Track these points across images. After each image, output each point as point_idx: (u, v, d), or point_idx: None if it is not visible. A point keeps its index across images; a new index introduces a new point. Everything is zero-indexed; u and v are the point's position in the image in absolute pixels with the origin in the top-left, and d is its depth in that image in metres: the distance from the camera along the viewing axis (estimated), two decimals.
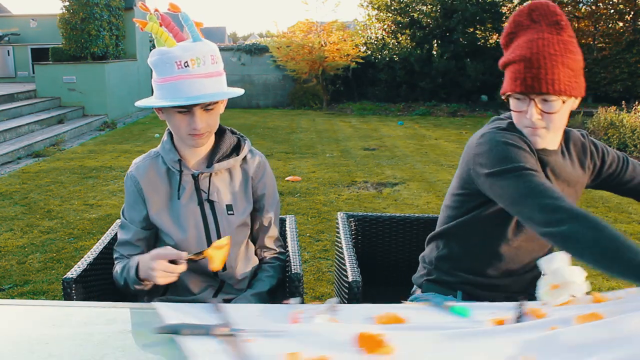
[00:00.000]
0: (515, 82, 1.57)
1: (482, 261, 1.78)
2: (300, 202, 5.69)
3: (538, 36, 1.54)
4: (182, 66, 1.56)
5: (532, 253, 1.78)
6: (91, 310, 1.51)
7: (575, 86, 1.56)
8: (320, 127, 11.47)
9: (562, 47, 1.53)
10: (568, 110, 1.63)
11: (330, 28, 15.07)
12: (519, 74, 1.56)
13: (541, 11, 1.55)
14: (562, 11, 1.55)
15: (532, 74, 1.53)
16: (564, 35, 1.54)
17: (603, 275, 3.82)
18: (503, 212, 1.62)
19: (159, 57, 1.59)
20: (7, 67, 15.52)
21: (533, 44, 1.53)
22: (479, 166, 1.64)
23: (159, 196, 1.79)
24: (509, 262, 1.77)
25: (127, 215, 1.83)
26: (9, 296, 3.51)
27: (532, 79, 1.53)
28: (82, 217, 5.14)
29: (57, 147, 8.82)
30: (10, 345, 1.30)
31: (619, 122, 8.44)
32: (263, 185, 1.90)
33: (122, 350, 1.28)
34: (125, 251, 1.81)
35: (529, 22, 1.56)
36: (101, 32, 12.36)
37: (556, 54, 1.52)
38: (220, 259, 1.56)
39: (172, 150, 1.77)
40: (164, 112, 1.70)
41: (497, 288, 1.79)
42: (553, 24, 1.54)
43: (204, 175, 1.78)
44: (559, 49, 1.52)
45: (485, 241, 1.76)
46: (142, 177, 1.79)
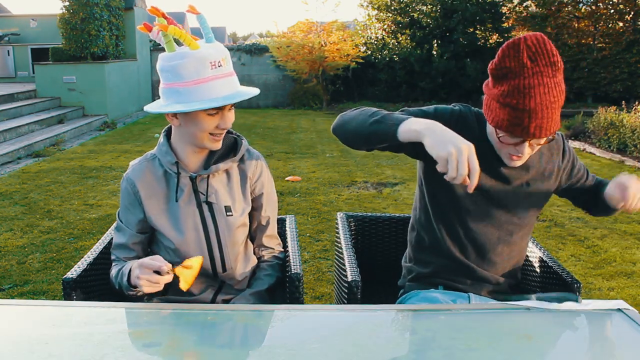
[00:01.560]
0: (516, 128, 1.55)
1: (447, 246, 1.84)
2: (300, 202, 5.69)
3: (539, 82, 1.51)
4: (216, 66, 1.57)
5: (493, 238, 1.81)
6: (91, 310, 1.52)
7: (560, 119, 1.60)
8: (320, 127, 11.47)
9: (559, 90, 1.54)
10: None
11: (330, 28, 15.07)
12: (521, 122, 1.54)
13: (539, 50, 1.51)
14: (556, 49, 1.54)
15: (536, 124, 1.53)
16: (558, 76, 1.54)
17: (603, 275, 3.82)
18: (452, 196, 1.76)
19: (189, 60, 1.55)
20: (7, 67, 15.52)
21: (536, 92, 1.51)
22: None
23: (156, 199, 1.78)
24: (473, 247, 1.82)
25: (123, 218, 1.82)
26: (9, 296, 3.51)
27: (534, 128, 1.54)
28: (82, 217, 5.14)
29: (57, 147, 8.82)
30: (10, 345, 1.30)
31: (619, 122, 8.43)
32: (261, 184, 1.89)
33: (121, 350, 1.29)
34: (121, 254, 1.81)
35: (526, 60, 1.51)
36: (101, 32, 12.36)
37: (555, 100, 1.53)
38: (186, 279, 1.53)
39: (169, 152, 1.75)
40: (184, 116, 1.65)
41: (473, 275, 1.83)
42: (550, 65, 1.52)
43: (202, 177, 1.77)
44: (556, 93, 1.53)
45: (445, 226, 1.83)
46: (139, 180, 1.78)
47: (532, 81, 1.51)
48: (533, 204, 1.83)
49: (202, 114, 1.62)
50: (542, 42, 1.51)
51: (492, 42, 15.43)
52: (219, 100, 1.57)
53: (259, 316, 1.48)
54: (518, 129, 1.55)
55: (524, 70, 1.51)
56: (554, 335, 1.37)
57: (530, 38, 1.51)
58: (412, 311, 1.51)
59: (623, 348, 1.34)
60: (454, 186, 1.74)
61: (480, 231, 1.80)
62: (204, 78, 1.56)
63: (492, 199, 1.78)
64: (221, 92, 1.58)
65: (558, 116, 1.56)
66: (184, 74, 1.56)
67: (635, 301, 3.44)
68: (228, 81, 1.60)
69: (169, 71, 1.57)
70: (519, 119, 1.53)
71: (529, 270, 2.01)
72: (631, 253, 4.32)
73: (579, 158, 1.92)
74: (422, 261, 1.91)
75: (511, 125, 1.55)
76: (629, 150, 8.08)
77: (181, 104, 1.58)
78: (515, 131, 1.56)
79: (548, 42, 1.52)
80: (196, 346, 1.32)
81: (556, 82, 1.53)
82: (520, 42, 1.51)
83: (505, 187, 1.78)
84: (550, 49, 1.51)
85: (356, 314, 1.53)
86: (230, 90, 1.60)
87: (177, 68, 1.55)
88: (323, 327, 1.45)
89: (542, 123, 1.53)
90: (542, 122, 1.52)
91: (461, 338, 1.36)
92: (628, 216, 5.28)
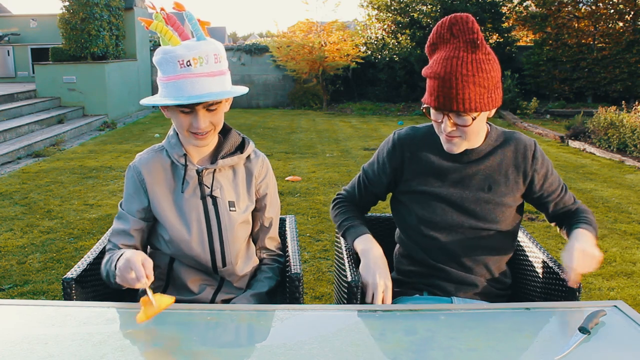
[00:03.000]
0: (430, 98, 1.64)
1: (422, 255, 1.87)
2: (300, 202, 5.69)
3: (454, 54, 1.59)
4: (184, 65, 1.57)
5: (464, 244, 1.83)
6: (91, 310, 1.52)
7: (488, 102, 1.62)
8: (320, 127, 11.48)
9: (475, 66, 1.58)
10: (483, 120, 1.71)
11: (330, 28, 15.07)
12: (433, 90, 1.62)
13: (461, 26, 1.60)
14: (479, 28, 1.60)
15: (445, 93, 1.59)
16: (478, 54, 1.59)
17: (603, 275, 3.82)
18: (406, 204, 1.87)
19: (163, 56, 1.60)
20: (7, 67, 15.53)
21: (448, 63, 1.59)
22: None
23: (161, 188, 1.79)
24: (446, 254, 1.84)
25: (126, 206, 1.83)
26: (9, 296, 3.51)
27: (444, 98, 1.60)
28: (82, 217, 5.14)
29: (57, 147, 8.82)
30: (10, 345, 1.30)
31: (619, 122, 8.43)
32: (266, 185, 1.92)
33: (121, 350, 1.29)
34: (119, 240, 1.80)
35: (449, 36, 1.61)
36: (101, 32, 12.36)
37: (468, 74, 1.57)
38: (146, 313, 1.40)
39: (178, 144, 1.79)
40: (168, 110, 1.72)
41: (454, 279, 1.84)
42: (469, 41, 1.58)
43: (208, 171, 1.80)
44: (472, 68, 1.57)
45: (417, 237, 1.88)
46: (146, 169, 1.80)
47: (449, 54, 1.59)
48: (499, 210, 1.81)
49: (177, 111, 1.67)
50: (465, 20, 1.60)
51: (492, 42, 15.43)
52: (181, 98, 1.59)
53: (259, 316, 1.48)
54: (432, 98, 1.63)
55: (445, 45, 1.61)
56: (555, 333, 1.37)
57: (456, 16, 1.61)
58: (412, 311, 1.51)
59: (621, 345, 1.34)
60: (417, 205, 1.85)
61: (450, 239, 1.82)
62: (174, 76, 1.59)
63: (453, 205, 1.80)
64: (190, 92, 1.59)
65: (477, 94, 1.58)
66: (161, 69, 1.62)
67: (635, 301, 3.44)
68: (199, 81, 1.59)
69: (156, 66, 1.64)
70: (432, 88, 1.62)
71: (529, 270, 2.01)
72: (631, 253, 4.31)
73: (556, 174, 1.89)
74: (402, 270, 1.97)
75: (429, 95, 1.64)
76: (629, 150, 8.08)
77: (156, 97, 1.66)
78: (430, 101, 1.63)
79: (472, 22, 1.60)
80: (196, 346, 1.32)
81: (474, 59, 1.58)
82: (447, 19, 1.62)
83: (463, 193, 1.80)
84: (472, 27, 1.59)
85: (356, 314, 1.53)
86: (200, 91, 1.59)
87: (157, 63, 1.63)
88: (323, 327, 1.45)
89: (452, 93, 1.57)
90: (451, 92, 1.57)
91: (461, 338, 1.36)
92: (628, 216, 5.28)
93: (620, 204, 5.70)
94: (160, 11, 1.62)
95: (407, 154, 1.87)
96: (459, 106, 1.59)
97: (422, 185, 1.84)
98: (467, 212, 1.80)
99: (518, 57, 15.29)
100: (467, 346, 1.32)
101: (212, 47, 1.62)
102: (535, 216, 5.20)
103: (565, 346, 1.29)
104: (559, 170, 7.31)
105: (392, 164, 1.91)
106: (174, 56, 1.57)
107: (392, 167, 1.91)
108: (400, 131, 1.92)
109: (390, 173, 1.92)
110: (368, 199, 2.04)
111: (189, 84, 1.58)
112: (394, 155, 1.89)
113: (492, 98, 1.62)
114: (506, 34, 15.50)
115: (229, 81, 1.69)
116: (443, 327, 1.42)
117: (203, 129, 1.67)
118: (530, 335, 1.36)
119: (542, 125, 11.52)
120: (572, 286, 1.65)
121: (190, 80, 1.58)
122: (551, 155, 8.45)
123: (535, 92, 14.31)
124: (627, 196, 6.03)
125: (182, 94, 1.59)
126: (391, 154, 1.90)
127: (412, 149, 1.86)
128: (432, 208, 1.82)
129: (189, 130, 1.69)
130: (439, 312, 1.51)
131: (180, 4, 1.63)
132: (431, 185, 1.82)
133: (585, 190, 6.25)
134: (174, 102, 1.59)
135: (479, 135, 1.75)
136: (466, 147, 1.75)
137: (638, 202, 5.81)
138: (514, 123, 12.14)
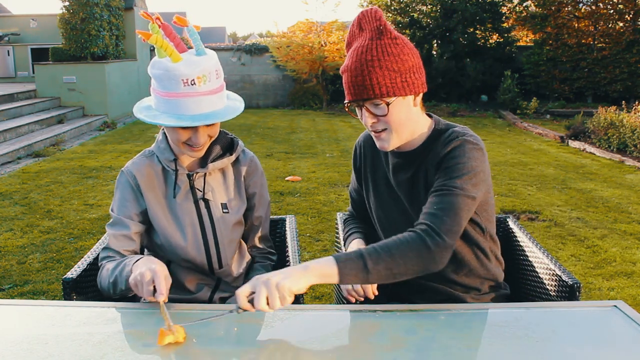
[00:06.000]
0: (346, 92, 1.63)
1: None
2: (300, 202, 5.69)
3: (359, 44, 1.59)
4: (188, 84, 1.54)
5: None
6: (91, 310, 1.52)
7: (402, 86, 1.57)
8: (320, 127, 11.48)
9: (381, 50, 1.56)
10: (404, 109, 1.61)
11: (330, 28, 15.07)
12: (346, 83, 1.61)
13: (367, 18, 1.60)
14: (383, 16, 1.60)
15: (354, 81, 1.58)
16: (383, 39, 1.58)
17: (603, 275, 3.82)
18: (373, 215, 1.86)
19: (164, 73, 1.55)
20: (7, 67, 15.54)
21: (354, 53, 1.59)
22: None
23: (154, 194, 1.79)
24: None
25: (120, 212, 1.78)
26: (9, 296, 3.51)
27: (354, 87, 1.58)
28: (82, 217, 5.13)
29: (57, 147, 8.82)
30: (10, 345, 1.30)
31: (618, 122, 8.43)
32: (254, 183, 1.92)
33: (121, 351, 1.29)
34: (121, 246, 1.76)
35: (358, 31, 1.62)
36: (101, 32, 12.36)
37: (373, 59, 1.55)
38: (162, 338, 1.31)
39: (168, 149, 1.77)
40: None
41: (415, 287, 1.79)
42: (374, 29, 1.59)
43: (199, 175, 1.79)
44: (377, 53, 1.56)
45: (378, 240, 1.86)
46: (139, 174, 1.79)
47: (356, 45, 1.60)
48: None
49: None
50: (372, 14, 1.60)
51: (492, 42, 15.44)
52: (184, 118, 1.56)
53: (258, 316, 1.48)
54: (347, 91, 1.62)
55: (356, 40, 1.62)
56: (555, 334, 1.37)
57: (364, 12, 1.61)
58: (412, 311, 1.51)
59: (620, 345, 1.34)
60: (373, 217, 1.87)
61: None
62: (176, 93, 1.55)
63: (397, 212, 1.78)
64: (195, 110, 1.56)
65: (385, 77, 1.55)
66: (160, 84, 1.58)
67: (635, 301, 3.44)
68: (204, 100, 1.57)
69: (152, 76, 1.60)
70: (346, 82, 1.61)
71: (529, 270, 2.01)
72: (631, 253, 4.31)
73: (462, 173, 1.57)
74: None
75: (346, 91, 1.63)
76: (629, 150, 8.08)
77: (154, 111, 1.62)
78: (347, 95, 1.62)
79: (378, 12, 1.60)
80: (195, 346, 1.32)
81: (379, 44, 1.57)
82: (356, 17, 1.63)
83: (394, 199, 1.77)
84: (378, 18, 1.59)
85: (356, 314, 1.53)
86: (203, 110, 1.57)
87: (156, 77, 1.58)
88: (323, 327, 1.45)
89: (360, 81, 1.56)
90: (358, 79, 1.56)
91: (461, 338, 1.36)
92: (628, 216, 5.28)
93: (620, 204, 5.70)
94: (155, 20, 1.59)
95: (367, 153, 1.89)
96: (369, 92, 1.55)
97: (374, 187, 1.85)
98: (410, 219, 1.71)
99: (518, 57, 15.30)
100: (467, 346, 1.32)
101: (213, 62, 1.59)
102: (535, 216, 5.21)
103: None
104: (559, 170, 7.32)
105: (355, 166, 1.94)
106: (178, 75, 1.53)
107: (356, 170, 1.94)
108: (365, 131, 1.89)
109: (357, 176, 1.94)
110: (361, 206, 1.98)
111: (193, 103, 1.56)
112: (354, 157, 1.95)
113: (408, 82, 1.58)
114: (506, 34, 15.50)
115: (226, 94, 1.68)
116: (443, 327, 1.42)
117: (202, 144, 1.67)
118: (530, 336, 1.36)
119: (542, 125, 11.52)
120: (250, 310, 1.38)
121: (194, 100, 1.56)
122: (551, 155, 8.45)
123: (535, 92, 14.31)
124: (627, 196, 6.03)
125: (186, 112, 1.56)
126: (353, 157, 1.95)
127: (368, 147, 1.88)
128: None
129: (186, 143, 1.67)
130: (438, 312, 1.51)
131: (183, 18, 1.59)
132: (379, 186, 1.83)
133: (585, 190, 6.25)
134: (180, 123, 1.56)
135: (405, 126, 1.64)
136: (397, 142, 1.65)
137: (638, 202, 5.81)
138: (514, 123, 12.14)
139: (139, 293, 1.48)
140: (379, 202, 1.83)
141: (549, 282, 1.84)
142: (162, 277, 1.47)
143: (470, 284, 1.77)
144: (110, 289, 1.68)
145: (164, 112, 1.59)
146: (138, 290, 1.48)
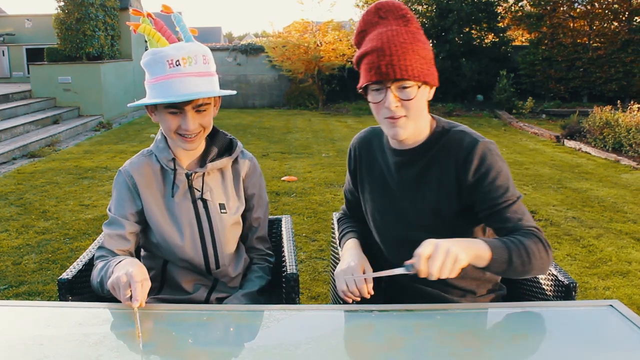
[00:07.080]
0: (370, 73, 1.57)
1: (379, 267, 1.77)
2: (296, 202, 5.68)
3: (387, 28, 1.58)
4: (173, 65, 1.56)
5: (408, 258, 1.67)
6: (87, 311, 1.51)
7: (428, 73, 1.58)
8: (316, 127, 11.48)
9: (411, 36, 1.57)
10: (424, 99, 1.62)
11: (326, 28, 15.07)
12: (373, 64, 1.57)
13: (388, 7, 1.61)
14: (407, 6, 1.61)
15: (386, 61, 1.54)
16: (411, 27, 1.59)
17: (598, 274, 3.83)
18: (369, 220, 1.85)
19: (151, 57, 1.59)
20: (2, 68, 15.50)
21: (383, 35, 1.57)
22: None
23: (152, 193, 1.78)
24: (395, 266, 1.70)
25: (117, 211, 1.78)
26: (4, 297, 3.50)
27: (386, 67, 1.54)
28: (78, 218, 5.12)
29: (52, 148, 8.79)
30: (6, 346, 1.30)
31: (614, 121, 8.46)
32: (253, 185, 1.92)
33: (117, 351, 1.28)
34: (115, 245, 1.75)
35: (377, 19, 1.61)
36: (96, 32, 12.33)
37: (406, 42, 1.55)
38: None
39: (166, 149, 1.77)
40: (156, 113, 1.70)
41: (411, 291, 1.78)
42: (400, 17, 1.59)
43: (197, 175, 1.79)
44: (408, 37, 1.56)
45: (371, 250, 1.87)
46: (137, 174, 1.79)
47: (381, 29, 1.59)
48: (439, 221, 1.68)
49: (165, 112, 1.64)
50: (390, 2, 1.61)
51: (488, 42, 15.46)
52: (171, 97, 1.56)
53: (254, 316, 1.48)
54: (372, 72, 1.56)
55: (375, 27, 1.61)
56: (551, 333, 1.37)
57: (382, 2, 1.61)
58: (408, 311, 1.51)
59: (616, 344, 1.34)
60: (368, 218, 1.87)
61: (395, 253, 1.77)
62: (163, 75, 1.57)
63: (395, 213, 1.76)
64: (180, 90, 1.57)
65: (417, 62, 1.55)
66: (149, 71, 1.61)
67: (630, 300, 3.45)
68: (192, 80, 1.57)
69: (144, 67, 1.63)
70: (370, 63, 1.57)
71: None
72: (627, 252, 4.33)
73: (505, 183, 1.61)
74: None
75: (368, 72, 1.57)
76: (625, 149, 8.11)
77: (148, 99, 1.64)
78: (372, 76, 1.56)
79: (397, 2, 1.61)
80: (191, 346, 1.32)
81: (408, 31, 1.58)
82: (373, 6, 1.62)
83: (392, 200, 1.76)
84: (399, 7, 1.60)
85: (352, 314, 1.53)
86: (189, 90, 1.57)
87: (145, 65, 1.62)
88: (319, 327, 1.45)
89: (393, 60, 1.53)
90: (393, 59, 1.53)
91: (458, 338, 1.36)
92: (623, 215, 5.30)
93: (616, 204, 5.72)
94: (146, 16, 1.62)
95: (362, 155, 1.87)
96: (402, 73, 1.52)
97: (371, 191, 1.84)
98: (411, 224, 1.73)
99: (513, 57, 15.33)
100: (464, 346, 1.32)
101: (201, 49, 1.61)
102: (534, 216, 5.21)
103: None
104: (555, 170, 7.33)
105: (350, 169, 1.93)
106: (163, 56, 1.56)
107: (351, 172, 1.92)
108: (359, 133, 1.90)
109: (352, 178, 1.93)
110: (356, 207, 1.97)
111: (178, 83, 1.56)
112: (349, 160, 1.92)
113: (431, 71, 1.59)
114: (501, 33, 15.53)
115: (217, 84, 1.67)
116: (440, 327, 1.42)
117: (192, 131, 1.65)
118: (527, 335, 1.37)
119: (538, 125, 11.55)
120: (421, 275, 1.40)
121: (180, 80, 1.56)
122: (547, 155, 8.47)
123: (530, 92, 14.34)
124: (623, 195, 6.05)
125: (171, 92, 1.57)
126: (348, 160, 1.93)
127: (363, 149, 1.87)
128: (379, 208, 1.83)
129: (177, 132, 1.67)
130: (435, 312, 1.51)
131: (168, 6, 1.62)
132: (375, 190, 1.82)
133: (581, 190, 6.26)
134: (163, 100, 1.57)
135: (422, 115, 1.64)
136: (412, 130, 1.63)
137: (633, 201, 5.83)
138: (510, 123, 12.16)
139: (117, 297, 1.47)
140: (374, 204, 1.83)
141: (545, 281, 1.84)
142: (139, 281, 1.43)
143: (466, 287, 1.77)
144: (99, 289, 1.68)
145: (151, 97, 1.62)
146: (116, 293, 1.47)
